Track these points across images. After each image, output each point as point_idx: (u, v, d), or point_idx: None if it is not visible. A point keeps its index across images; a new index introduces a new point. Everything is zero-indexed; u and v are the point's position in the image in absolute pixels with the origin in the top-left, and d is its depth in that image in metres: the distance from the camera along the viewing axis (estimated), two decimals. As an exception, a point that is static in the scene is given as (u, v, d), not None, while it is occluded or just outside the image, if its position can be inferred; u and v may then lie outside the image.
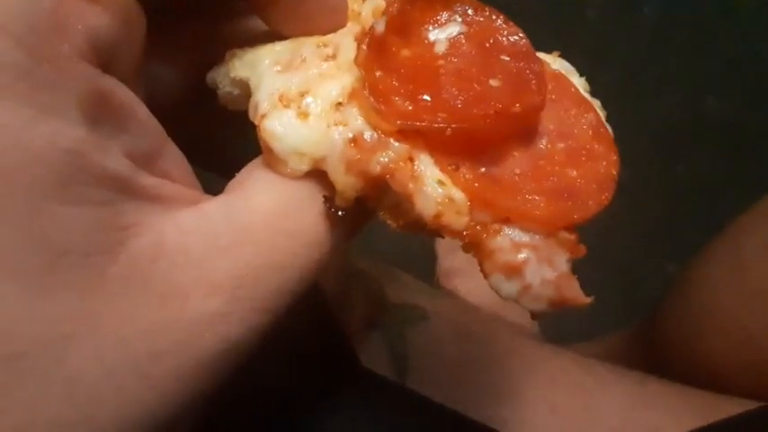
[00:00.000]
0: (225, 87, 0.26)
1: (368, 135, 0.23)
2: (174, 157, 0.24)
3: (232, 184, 0.24)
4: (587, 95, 0.27)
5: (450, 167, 0.23)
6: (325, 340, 0.37)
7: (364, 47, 0.23)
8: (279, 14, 0.25)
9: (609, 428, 0.42)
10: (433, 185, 0.22)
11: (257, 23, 0.28)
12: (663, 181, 0.90)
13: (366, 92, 0.22)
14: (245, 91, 0.26)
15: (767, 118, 0.92)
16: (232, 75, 0.26)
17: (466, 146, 0.23)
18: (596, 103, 0.28)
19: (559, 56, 0.28)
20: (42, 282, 0.19)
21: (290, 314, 0.23)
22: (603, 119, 0.27)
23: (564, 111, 0.26)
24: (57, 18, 0.19)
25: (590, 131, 0.26)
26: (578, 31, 0.98)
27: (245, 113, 0.27)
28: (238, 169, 0.34)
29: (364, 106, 0.23)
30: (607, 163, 0.25)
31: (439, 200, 0.22)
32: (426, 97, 0.23)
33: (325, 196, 0.23)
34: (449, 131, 0.22)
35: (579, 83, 0.28)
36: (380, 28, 0.24)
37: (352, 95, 0.23)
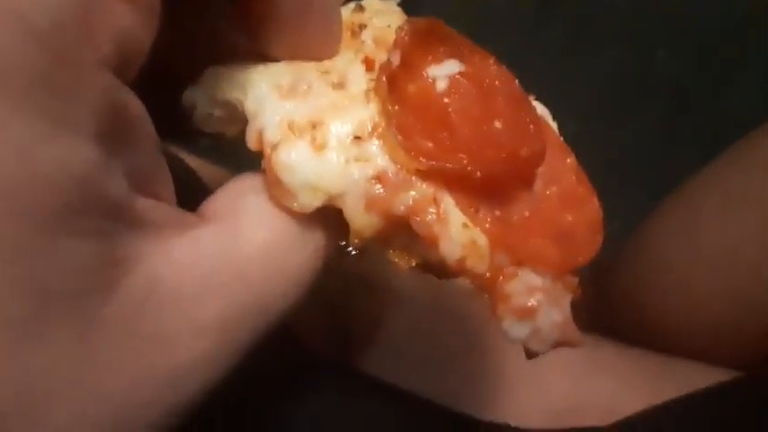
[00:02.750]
0: (205, 109, 0.24)
1: (392, 173, 0.21)
2: (164, 173, 0.21)
3: (219, 207, 0.22)
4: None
5: (471, 210, 0.22)
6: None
7: (384, 79, 0.22)
8: (272, 38, 0.23)
9: (568, 396, 0.42)
10: (459, 229, 0.22)
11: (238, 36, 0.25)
12: (608, 137, 0.88)
13: (393, 128, 0.21)
14: (230, 112, 0.24)
15: (716, 75, 0.92)
16: (217, 96, 0.23)
17: (482, 188, 0.23)
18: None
19: (536, 99, 0.29)
20: (28, 331, 0.16)
21: None
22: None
23: (549, 155, 0.27)
24: (87, 15, 0.16)
25: (573, 176, 0.27)
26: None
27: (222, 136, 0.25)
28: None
29: (389, 142, 0.22)
30: (592, 206, 0.26)
31: (464, 244, 0.22)
32: (444, 135, 0.23)
33: (336, 233, 0.22)
34: (478, 175, 0.22)
35: (554, 126, 0.29)
36: (396, 61, 0.23)
37: (374, 130, 0.22)
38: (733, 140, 0.50)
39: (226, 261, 0.20)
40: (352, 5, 0.28)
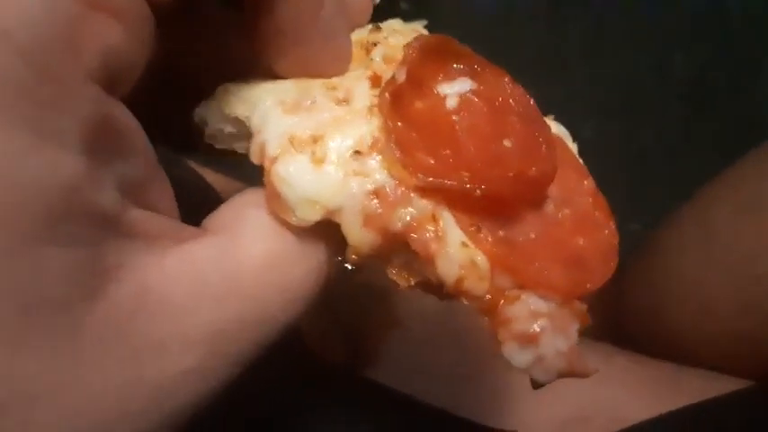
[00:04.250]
0: (215, 124, 0.24)
1: (390, 188, 0.21)
2: (163, 185, 0.21)
3: (220, 221, 0.22)
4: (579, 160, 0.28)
5: (471, 228, 0.22)
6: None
7: (387, 95, 0.22)
8: (279, 54, 0.24)
9: (577, 406, 0.41)
10: (457, 248, 0.21)
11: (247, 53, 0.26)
12: (627, 138, 0.89)
13: (392, 143, 0.21)
14: (240, 129, 0.24)
15: (732, 76, 0.93)
16: (227, 112, 0.23)
17: (485, 207, 0.22)
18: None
19: (554, 119, 0.28)
20: (10, 336, 0.16)
21: None
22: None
23: (565, 176, 0.26)
24: (72, 32, 0.16)
25: (590, 199, 0.26)
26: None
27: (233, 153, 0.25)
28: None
29: (388, 158, 0.21)
30: (609, 232, 0.25)
31: (462, 264, 0.21)
32: (447, 153, 0.22)
33: (333, 249, 0.22)
34: (478, 193, 0.21)
35: (573, 147, 0.28)
36: (401, 77, 0.23)
37: (374, 145, 0.22)
38: (750, 142, 0.49)
39: (220, 273, 0.20)
40: (369, 25, 0.28)
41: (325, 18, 0.23)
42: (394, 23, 0.29)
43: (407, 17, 0.26)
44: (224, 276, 0.20)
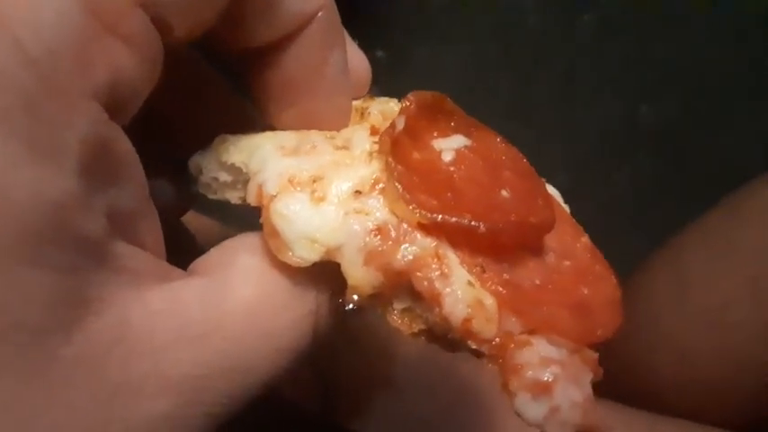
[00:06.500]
0: (210, 173, 0.24)
1: (393, 226, 0.21)
2: (152, 222, 0.20)
3: (209, 263, 0.21)
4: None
5: (476, 269, 0.21)
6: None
7: (388, 138, 0.22)
8: (283, 106, 0.24)
9: None
10: (463, 287, 0.20)
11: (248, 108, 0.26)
12: (600, 186, 0.91)
13: (395, 180, 0.21)
14: (235, 177, 0.24)
15: (699, 127, 0.95)
16: (224, 159, 0.23)
17: (487, 248, 0.22)
18: None
19: (546, 182, 0.29)
20: None
21: None
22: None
23: (562, 232, 0.26)
24: (83, 48, 0.16)
25: (588, 254, 0.25)
26: (518, 35, 1.00)
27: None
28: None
29: (390, 196, 0.21)
30: (610, 284, 0.24)
31: (469, 302, 0.20)
32: (448, 195, 0.22)
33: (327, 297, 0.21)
34: (482, 228, 0.21)
35: (565, 208, 0.28)
36: (401, 125, 0.23)
37: (374, 186, 0.21)
38: (721, 190, 0.50)
39: (204, 313, 0.19)
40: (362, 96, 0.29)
41: (330, 74, 0.24)
42: (385, 98, 0.30)
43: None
44: (208, 317, 0.19)
